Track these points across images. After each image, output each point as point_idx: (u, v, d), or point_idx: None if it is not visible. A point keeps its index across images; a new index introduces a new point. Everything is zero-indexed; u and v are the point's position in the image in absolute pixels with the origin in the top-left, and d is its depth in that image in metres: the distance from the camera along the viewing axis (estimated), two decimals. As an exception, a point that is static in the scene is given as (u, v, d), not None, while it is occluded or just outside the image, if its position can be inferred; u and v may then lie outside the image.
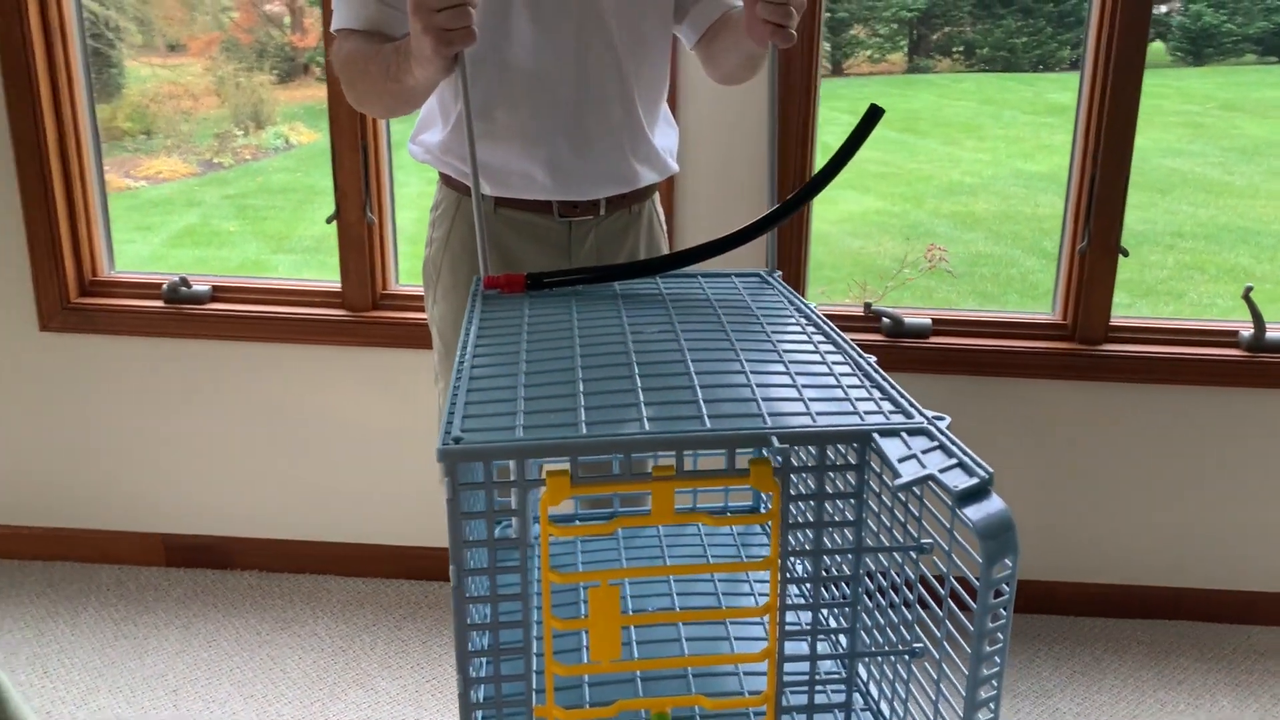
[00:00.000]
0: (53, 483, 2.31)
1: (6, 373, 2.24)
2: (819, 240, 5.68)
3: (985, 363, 2.03)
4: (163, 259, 4.30)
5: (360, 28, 1.33)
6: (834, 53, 6.26)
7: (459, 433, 0.76)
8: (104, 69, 4.09)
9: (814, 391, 0.83)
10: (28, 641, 2.07)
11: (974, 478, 0.70)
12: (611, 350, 0.92)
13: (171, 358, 2.22)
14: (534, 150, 1.38)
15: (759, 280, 1.14)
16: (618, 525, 0.78)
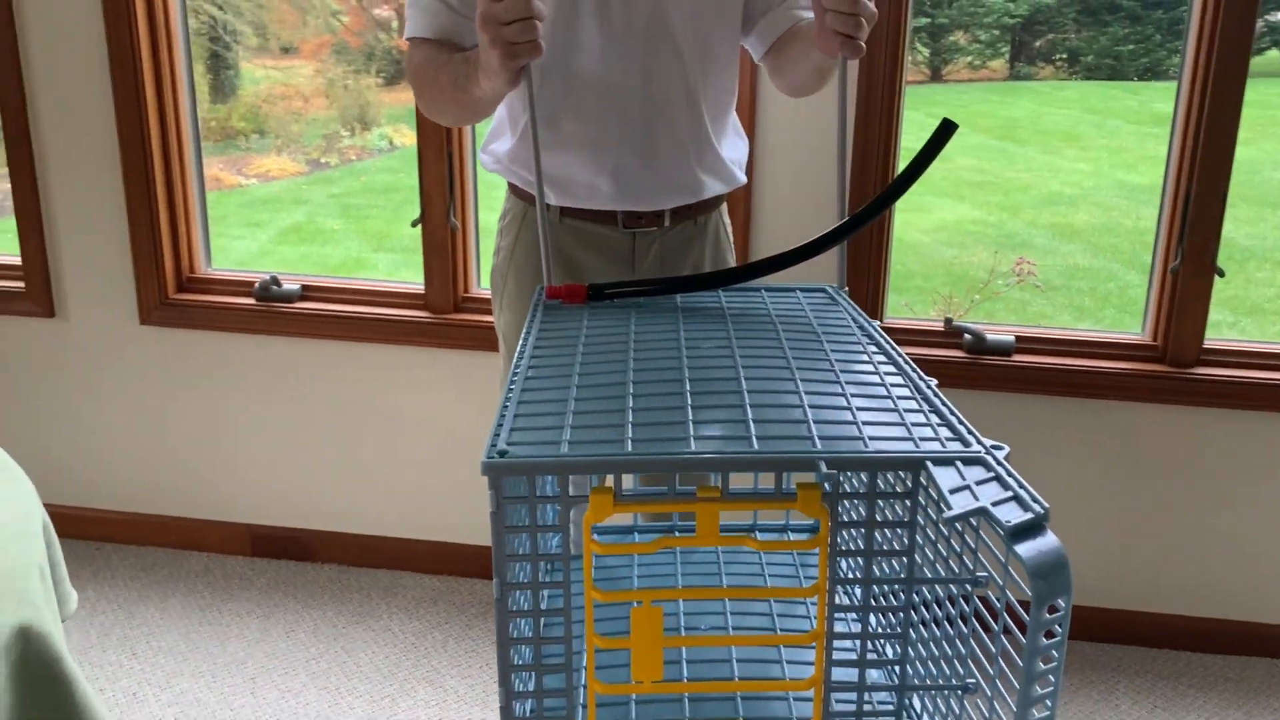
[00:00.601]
0: (148, 471, 2.41)
1: (109, 364, 2.35)
2: (910, 249, 5.58)
3: (1070, 383, 1.96)
4: (269, 254, 4.45)
5: (432, 36, 1.35)
6: (933, 59, 6.15)
7: (504, 445, 0.77)
8: (221, 70, 4.26)
9: (869, 415, 0.81)
10: (119, 624, 2.16)
11: (1028, 512, 0.67)
12: (666, 365, 0.91)
13: (262, 354, 2.29)
14: (599, 160, 1.38)
15: (825, 296, 1.12)
16: (661, 545, 0.78)
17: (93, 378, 2.36)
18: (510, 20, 1.09)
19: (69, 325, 2.33)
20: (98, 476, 2.43)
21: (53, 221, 2.27)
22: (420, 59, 1.34)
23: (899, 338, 2.01)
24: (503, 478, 0.75)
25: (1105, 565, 2.10)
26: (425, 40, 1.35)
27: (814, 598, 0.80)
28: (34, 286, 2.30)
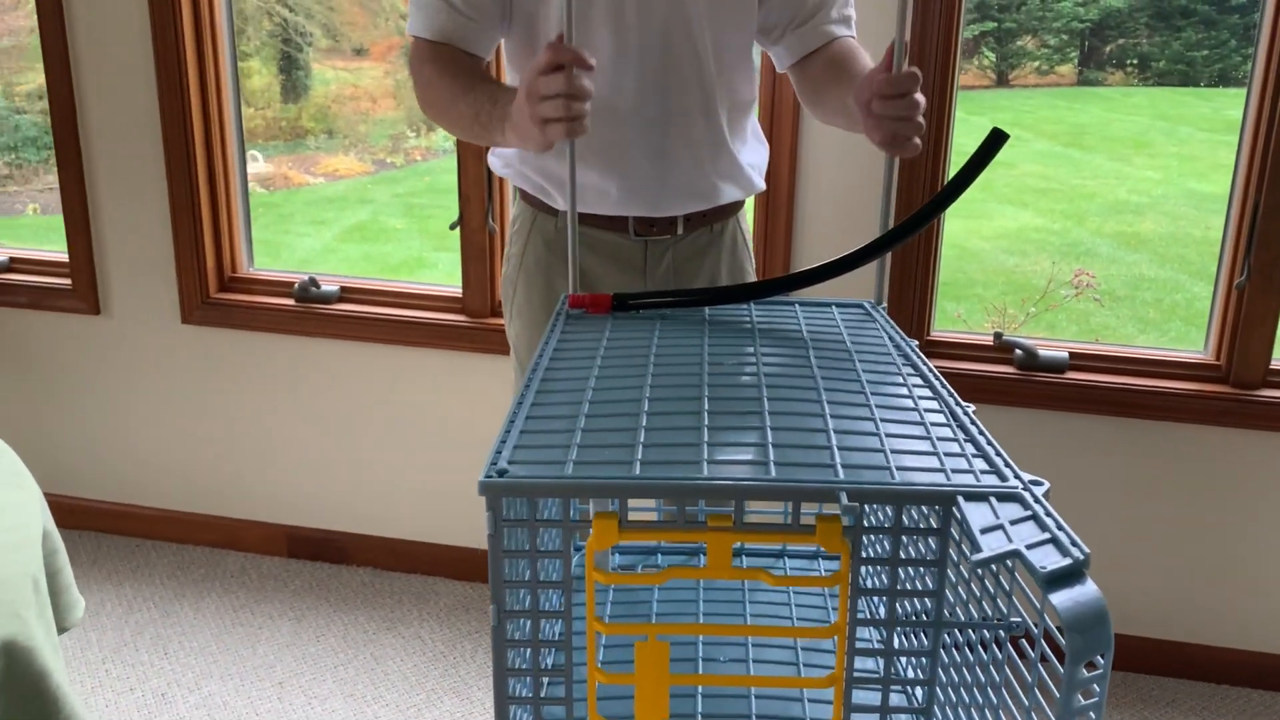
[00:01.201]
0: (188, 469, 2.42)
1: (151, 362, 2.36)
2: (971, 257, 5.45)
3: (1126, 403, 1.86)
4: (333, 252, 4.50)
5: (432, 38, 1.30)
6: (999, 64, 6.05)
7: (504, 464, 0.72)
8: (293, 71, 4.33)
9: (899, 443, 0.75)
10: (154, 622, 2.17)
11: (1067, 558, 0.61)
12: (685, 383, 0.86)
13: (300, 355, 2.29)
14: (610, 163, 1.34)
15: (861, 312, 1.06)
16: (670, 576, 0.73)
17: (135, 375, 2.38)
18: (553, 95, 1.05)
19: (113, 322, 2.35)
20: (139, 473, 2.45)
21: (99, 220, 2.29)
22: (431, 74, 1.29)
23: (947, 352, 1.94)
24: (501, 498, 0.71)
25: (1161, 595, 2.00)
26: (429, 42, 1.31)
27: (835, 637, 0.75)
28: (80, 284, 2.32)
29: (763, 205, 1.96)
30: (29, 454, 2.48)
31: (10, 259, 2.40)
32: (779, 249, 1.97)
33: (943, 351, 1.94)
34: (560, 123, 1.06)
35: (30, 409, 2.45)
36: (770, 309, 1.06)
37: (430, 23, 1.30)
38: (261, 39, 5.54)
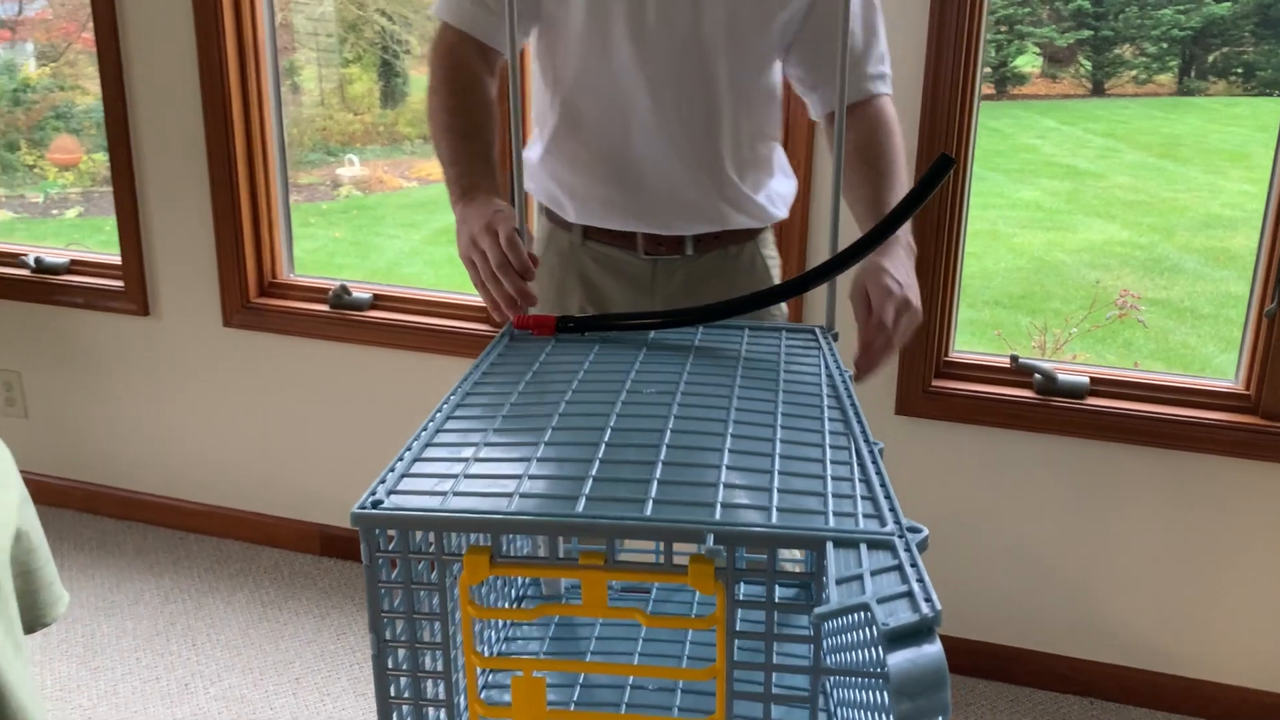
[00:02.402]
0: (228, 466, 2.50)
1: (194, 363, 2.45)
2: (1051, 270, 5.28)
3: (1149, 431, 1.78)
4: (418, 254, 4.63)
5: (456, 24, 1.30)
6: (1095, 72, 5.89)
7: (383, 495, 0.73)
8: (391, 78, 4.47)
9: (792, 482, 0.73)
10: (186, 613, 2.25)
11: (916, 614, 0.58)
12: (596, 412, 0.85)
13: (333, 359, 2.34)
14: (619, 175, 1.33)
15: (809, 338, 1.03)
16: (540, 613, 0.72)
17: (180, 374, 2.47)
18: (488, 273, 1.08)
19: (161, 324, 2.45)
20: (182, 468, 2.54)
21: (149, 227, 2.38)
22: (441, 78, 1.29)
23: (965, 374, 1.88)
24: (374, 529, 0.71)
25: (1180, 631, 1.90)
26: (453, 29, 1.30)
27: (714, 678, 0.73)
28: (131, 286, 2.42)
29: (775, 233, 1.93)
30: (81, 445, 2.60)
31: (70, 261, 2.52)
32: (790, 274, 1.94)
33: (961, 374, 1.88)
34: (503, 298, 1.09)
35: (83, 403, 2.57)
36: (717, 332, 1.04)
37: (455, 7, 1.30)
38: (362, 47, 5.72)
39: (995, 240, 5.55)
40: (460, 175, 1.23)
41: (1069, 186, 6.23)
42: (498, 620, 0.91)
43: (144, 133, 2.32)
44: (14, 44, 5.50)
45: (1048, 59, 7.27)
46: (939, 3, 1.73)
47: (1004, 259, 5.36)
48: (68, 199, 5.28)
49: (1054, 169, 6.43)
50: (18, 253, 2.55)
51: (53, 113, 5.36)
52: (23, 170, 5.43)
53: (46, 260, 2.51)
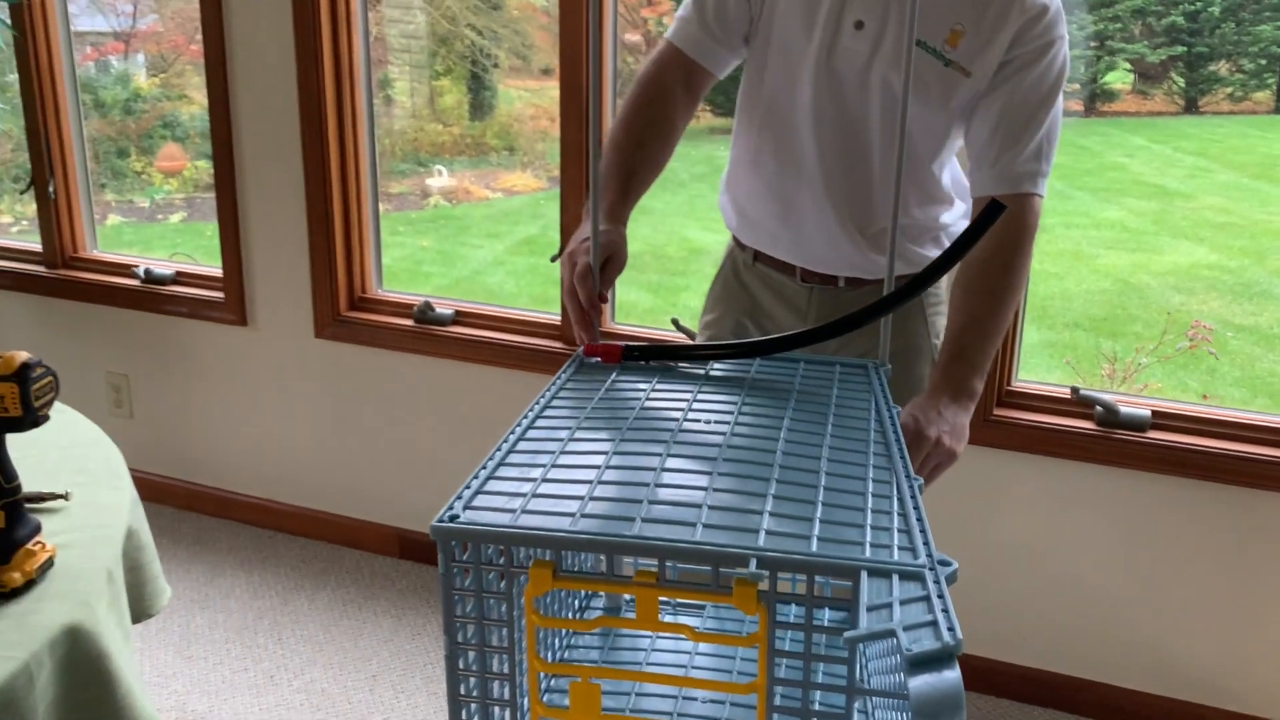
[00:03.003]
0: (316, 470, 2.63)
1: (288, 371, 2.59)
2: (1135, 292, 5.18)
3: (1211, 467, 1.77)
4: (502, 264, 4.77)
5: (677, 44, 1.40)
6: (1189, 89, 5.79)
7: (459, 510, 0.80)
8: (480, 91, 4.63)
9: (833, 513, 0.79)
10: (273, 609, 2.38)
11: (938, 642, 0.63)
12: (656, 438, 0.92)
13: (416, 372, 2.45)
14: (784, 215, 1.43)
15: (861, 373, 1.08)
16: (599, 624, 0.79)
17: (273, 382, 2.61)
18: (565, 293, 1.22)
19: (258, 334, 2.59)
20: (274, 471, 2.68)
21: (248, 240, 2.53)
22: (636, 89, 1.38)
23: (1027, 404, 1.89)
24: (450, 541, 0.79)
25: (1240, 668, 1.88)
26: (670, 45, 1.40)
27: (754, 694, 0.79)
28: (231, 297, 2.57)
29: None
30: (181, 446, 2.76)
31: (176, 273, 2.69)
32: None
33: (1022, 403, 1.90)
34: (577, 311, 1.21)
35: (184, 406, 2.73)
36: (773, 365, 1.10)
37: (681, 30, 1.40)
38: (453, 60, 5.92)
39: (1078, 261, 5.46)
40: (599, 190, 1.32)
41: (1156, 207, 6.09)
42: (560, 630, 0.99)
43: (246, 146, 2.47)
44: (127, 56, 5.82)
45: (1139, 75, 7.10)
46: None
47: (1086, 280, 5.27)
48: (172, 204, 5.55)
49: (1142, 188, 6.29)
50: (129, 264, 2.72)
51: (161, 122, 5.65)
52: (131, 176, 5.74)
53: (155, 272, 2.68)
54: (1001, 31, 1.29)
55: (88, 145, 2.75)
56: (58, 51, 2.67)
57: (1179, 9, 6.48)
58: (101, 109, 5.49)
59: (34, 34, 2.61)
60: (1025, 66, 1.30)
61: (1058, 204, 6.06)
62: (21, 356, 1.12)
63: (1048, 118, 1.32)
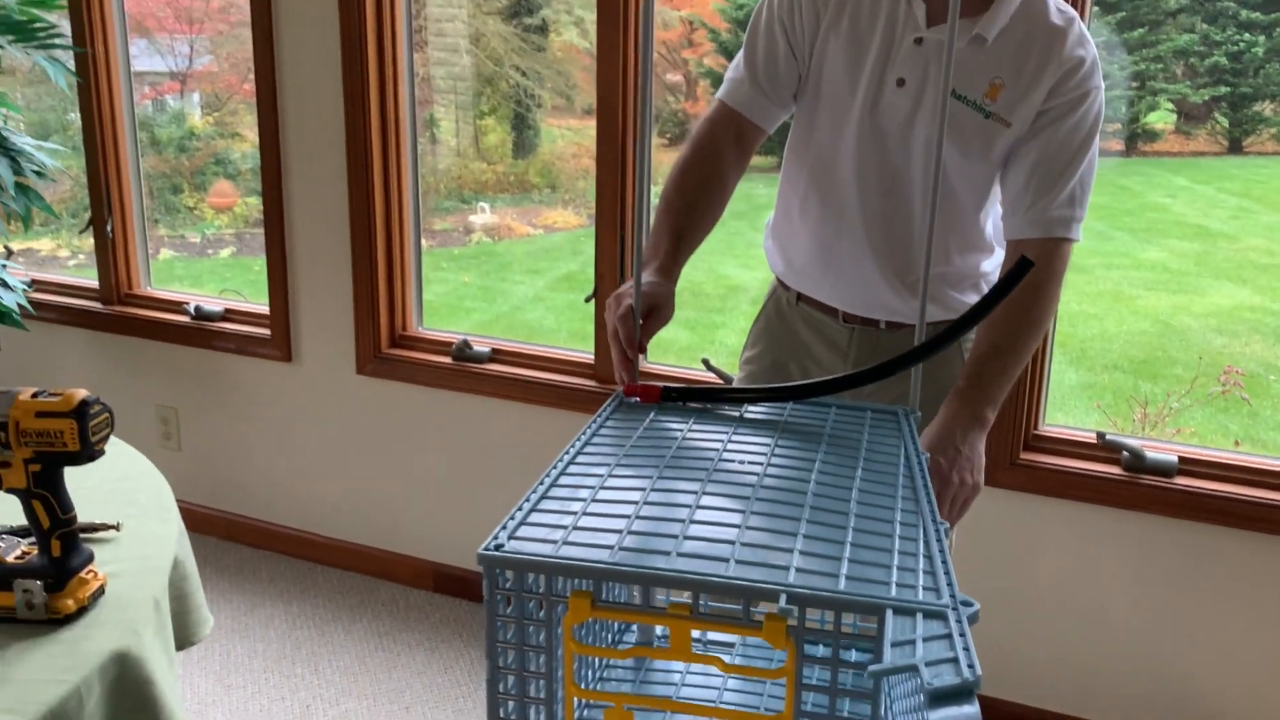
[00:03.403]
0: (355, 503, 2.69)
1: (329, 407, 2.65)
2: (1175, 335, 5.13)
3: (1238, 514, 1.77)
4: (542, 300, 4.85)
5: (729, 102, 1.45)
6: (1232, 130, 5.78)
7: (505, 539, 0.84)
8: (523, 130, 4.75)
9: (861, 553, 0.82)
10: (310, 639, 2.42)
11: (958, 678, 0.66)
12: (692, 476, 0.95)
13: (454, 408, 2.51)
14: (826, 262, 1.48)
15: (891, 419, 1.11)
16: (633, 654, 0.82)
17: (317, 417, 2.68)
18: (609, 334, 1.25)
19: (301, 369, 2.66)
20: (314, 503, 2.74)
21: (295, 278, 2.61)
22: (689, 147, 1.44)
23: (1053, 448, 1.91)
24: (495, 569, 0.83)
25: (1268, 717, 1.86)
26: (722, 104, 1.46)
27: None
28: (277, 334, 2.65)
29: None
30: (226, 478, 2.83)
31: (225, 310, 2.77)
32: None
33: (1050, 447, 1.91)
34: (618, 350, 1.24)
35: (230, 439, 2.80)
36: (806, 409, 1.13)
37: (733, 89, 1.46)
38: (497, 100, 6.05)
39: (1118, 302, 5.43)
40: (651, 246, 1.38)
41: (1199, 248, 6.04)
42: (597, 658, 1.02)
43: (294, 185, 2.55)
44: (183, 95, 6.02)
45: (1182, 115, 7.07)
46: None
47: (1126, 321, 5.24)
48: (223, 239, 5.71)
49: (1183, 229, 6.24)
50: (181, 301, 2.81)
51: (213, 159, 5.83)
52: (184, 212, 5.91)
53: (205, 308, 2.77)
54: (1040, 83, 1.33)
55: (143, 182, 2.86)
56: (119, 96, 2.79)
57: (1222, 50, 6.47)
58: (157, 146, 5.68)
59: (96, 80, 2.73)
60: (1062, 116, 1.33)
61: (1097, 244, 6.04)
62: (80, 394, 1.17)
63: (1083, 164, 1.35)
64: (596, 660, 1.03)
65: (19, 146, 2.50)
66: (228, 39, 4.77)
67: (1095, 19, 5.66)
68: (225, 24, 4.88)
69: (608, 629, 1.09)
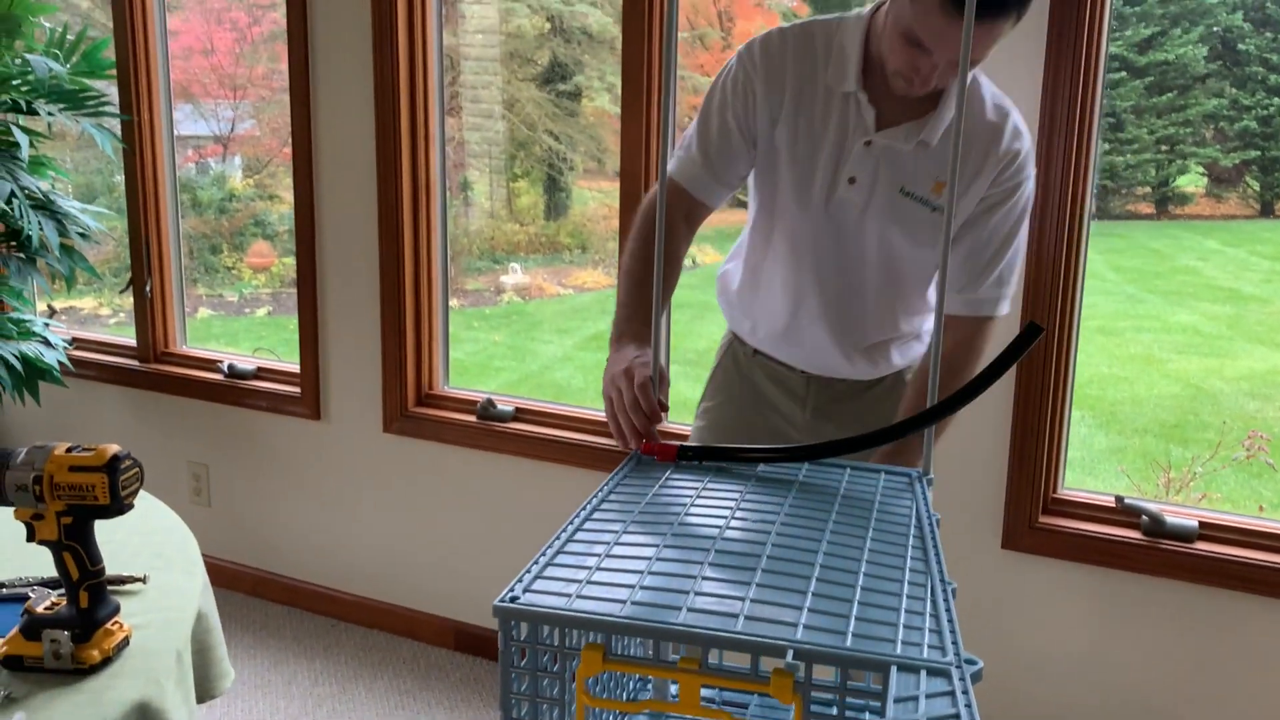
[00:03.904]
0: (379, 560, 2.70)
1: (355, 465, 2.68)
2: (1208, 398, 5.07)
3: (1261, 580, 1.74)
4: (571, 359, 4.89)
5: (680, 180, 1.49)
6: (1264, 193, 5.80)
7: (520, 591, 0.86)
8: (555, 192, 4.86)
9: (868, 611, 0.83)
10: (332, 696, 2.42)
11: (960, 736, 0.66)
12: (705, 533, 0.97)
13: (478, 467, 2.53)
14: (784, 334, 1.55)
15: (905, 481, 1.12)
16: (644, 708, 0.83)
17: (342, 475, 2.71)
18: (619, 407, 1.25)
19: (330, 428, 2.70)
20: (339, 561, 2.76)
21: (326, 339, 2.66)
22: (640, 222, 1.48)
23: (1073, 512, 1.90)
24: (510, 621, 0.84)
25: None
26: (672, 181, 1.50)
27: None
28: (307, 392, 2.69)
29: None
30: (253, 534, 2.86)
31: (258, 368, 2.83)
32: None
33: (1069, 511, 1.90)
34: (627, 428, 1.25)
35: (258, 496, 2.84)
36: (821, 469, 1.14)
37: (682, 166, 1.50)
38: (530, 163, 6.18)
39: (1149, 365, 5.38)
40: (621, 319, 1.42)
41: (1231, 311, 5.99)
42: (608, 710, 1.02)
43: (327, 247, 2.62)
44: (225, 158, 6.21)
45: (1212, 179, 7.06)
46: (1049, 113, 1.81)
47: (1157, 385, 5.19)
48: (259, 299, 5.83)
49: (1215, 292, 6.20)
50: (215, 360, 2.88)
51: (252, 220, 5.98)
52: (223, 271, 6.05)
53: (238, 367, 2.83)
54: (980, 177, 1.41)
55: (183, 242, 2.94)
56: (161, 161, 2.89)
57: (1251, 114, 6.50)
58: (198, 208, 5.84)
59: (140, 145, 2.83)
60: (995, 206, 1.42)
61: (1128, 307, 6.01)
62: (112, 449, 1.21)
63: (1013, 248, 1.44)
64: (609, 714, 1.03)
65: (65, 209, 2.59)
66: (270, 104, 4.92)
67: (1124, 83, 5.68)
68: (268, 90, 5.04)
69: (624, 683, 1.10)
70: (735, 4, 7.30)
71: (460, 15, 5.95)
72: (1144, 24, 6.25)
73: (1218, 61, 6.42)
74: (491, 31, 6.08)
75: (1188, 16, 6.33)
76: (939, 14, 1.25)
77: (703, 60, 7.11)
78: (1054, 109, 1.77)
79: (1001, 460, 1.91)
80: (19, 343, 2.63)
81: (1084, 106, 1.77)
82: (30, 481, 1.19)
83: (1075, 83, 1.75)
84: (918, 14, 1.27)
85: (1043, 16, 1.76)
